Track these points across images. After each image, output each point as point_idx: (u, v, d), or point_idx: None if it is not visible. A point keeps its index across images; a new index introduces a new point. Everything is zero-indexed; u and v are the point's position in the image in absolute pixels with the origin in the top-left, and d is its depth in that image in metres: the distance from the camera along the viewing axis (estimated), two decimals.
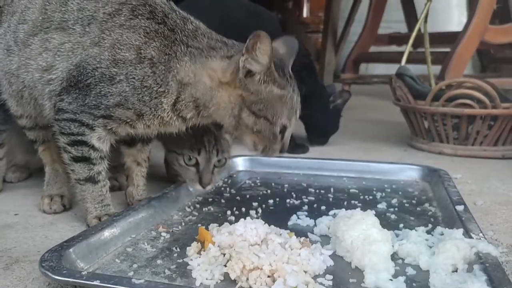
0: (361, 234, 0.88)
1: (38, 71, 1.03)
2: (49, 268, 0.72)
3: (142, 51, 0.97)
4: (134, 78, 0.97)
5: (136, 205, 1.07)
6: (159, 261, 0.86)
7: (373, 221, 0.91)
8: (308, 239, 0.90)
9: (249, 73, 0.95)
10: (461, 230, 0.91)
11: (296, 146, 1.93)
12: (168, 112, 1.00)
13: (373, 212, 1.07)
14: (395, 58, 3.78)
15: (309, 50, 4.75)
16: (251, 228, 0.87)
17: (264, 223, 0.93)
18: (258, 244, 0.85)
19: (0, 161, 1.31)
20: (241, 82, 0.95)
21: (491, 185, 1.46)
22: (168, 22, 1.00)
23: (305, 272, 0.79)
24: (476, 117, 1.77)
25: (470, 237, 0.89)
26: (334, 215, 1.07)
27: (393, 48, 4.69)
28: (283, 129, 1.01)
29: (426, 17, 2.14)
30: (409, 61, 2.25)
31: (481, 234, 0.89)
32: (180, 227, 1.05)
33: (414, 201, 1.24)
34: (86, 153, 1.02)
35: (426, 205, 1.20)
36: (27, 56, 1.05)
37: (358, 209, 1.01)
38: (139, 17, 0.99)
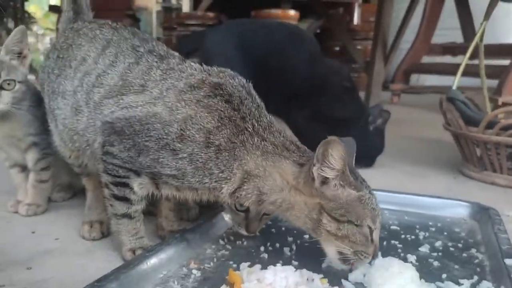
0: None
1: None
2: None
3: (211, 136, 0.95)
4: (198, 160, 0.95)
5: (169, 239, 1.07)
6: None
7: (412, 276, 0.87)
8: None
9: (324, 180, 0.92)
10: None
11: None
12: (225, 197, 0.99)
13: (414, 257, 1.03)
14: (449, 69, 3.62)
15: (357, 60, 4.68)
16: (280, 277, 0.85)
17: (296, 270, 0.90)
18: None
19: (46, 183, 1.36)
20: (317, 191, 0.92)
21: None
22: (242, 109, 0.98)
23: None
24: None
25: None
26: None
27: (448, 58, 4.50)
28: (370, 232, 0.94)
29: (481, 36, 2.03)
30: (465, 73, 2.12)
31: None
32: (212, 263, 1.04)
33: (460, 245, 1.17)
34: (127, 194, 1.03)
35: (473, 250, 1.13)
36: (97, 118, 1.05)
37: (396, 258, 0.96)
38: (218, 97, 0.98)
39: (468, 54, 2.05)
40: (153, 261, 0.97)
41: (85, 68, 1.10)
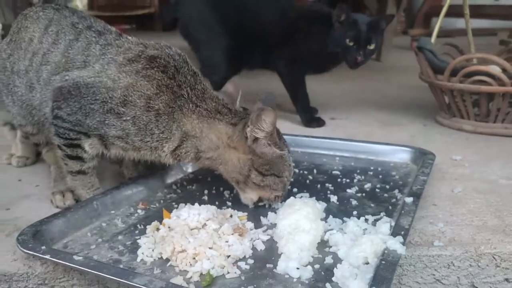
0: (292, 223, 0.98)
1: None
2: (22, 241, 0.92)
3: (151, 101, 1.08)
4: (140, 122, 1.09)
5: (122, 184, 1.25)
6: (120, 237, 1.03)
7: (308, 212, 1.00)
8: (244, 225, 1.01)
9: (255, 140, 1.09)
10: (388, 224, 0.97)
11: (312, 120, 1.99)
12: (166, 155, 1.13)
13: (336, 197, 1.19)
14: (473, 12, 3.50)
15: (368, 6, 4.57)
16: (193, 213, 1.00)
17: (218, 208, 1.06)
18: (198, 228, 0.98)
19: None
20: (250, 148, 1.09)
21: (487, 170, 1.43)
22: (178, 78, 1.11)
23: (228, 256, 0.91)
24: (495, 94, 1.69)
25: (394, 231, 0.94)
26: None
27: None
28: (286, 181, 1.15)
29: None
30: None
31: (403, 231, 0.94)
32: (158, 204, 1.21)
33: (388, 187, 1.28)
34: (80, 153, 1.16)
35: (396, 191, 1.24)
36: (48, 93, 1.16)
37: (306, 198, 1.10)
38: (155, 68, 1.10)
39: None
40: (104, 202, 1.14)
41: (33, 48, 1.21)
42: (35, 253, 0.89)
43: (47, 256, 0.88)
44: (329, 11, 1.91)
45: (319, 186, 1.30)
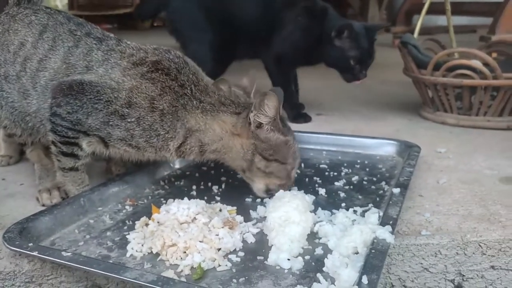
0: (282, 216, 0.98)
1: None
2: (8, 239, 0.91)
3: (155, 102, 1.09)
4: (145, 122, 1.09)
5: (109, 180, 1.23)
6: (109, 233, 1.02)
7: (297, 204, 1.00)
8: (233, 219, 1.01)
9: (259, 125, 1.10)
10: (377, 215, 0.98)
11: (299, 115, 1.99)
12: (171, 153, 1.13)
13: (324, 190, 1.20)
14: (454, 9, 3.55)
15: (352, 4, 4.62)
16: (183, 208, 1.00)
17: (207, 203, 1.06)
18: (188, 222, 0.98)
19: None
20: (253, 133, 1.10)
21: (471, 161, 1.45)
22: (180, 78, 1.12)
23: (219, 249, 0.91)
24: (477, 88, 1.72)
25: (383, 221, 0.95)
26: None
27: None
28: (291, 169, 1.16)
29: None
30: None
31: (391, 221, 0.95)
32: (146, 200, 1.20)
33: (375, 179, 1.29)
34: (75, 151, 1.14)
35: (383, 183, 1.25)
36: (46, 100, 1.14)
37: (295, 191, 1.10)
38: (160, 71, 1.11)
39: None
40: (91, 199, 1.13)
41: (25, 53, 1.17)
42: (22, 250, 0.88)
43: (35, 253, 0.86)
44: (313, 4, 1.92)
45: (307, 179, 1.31)
